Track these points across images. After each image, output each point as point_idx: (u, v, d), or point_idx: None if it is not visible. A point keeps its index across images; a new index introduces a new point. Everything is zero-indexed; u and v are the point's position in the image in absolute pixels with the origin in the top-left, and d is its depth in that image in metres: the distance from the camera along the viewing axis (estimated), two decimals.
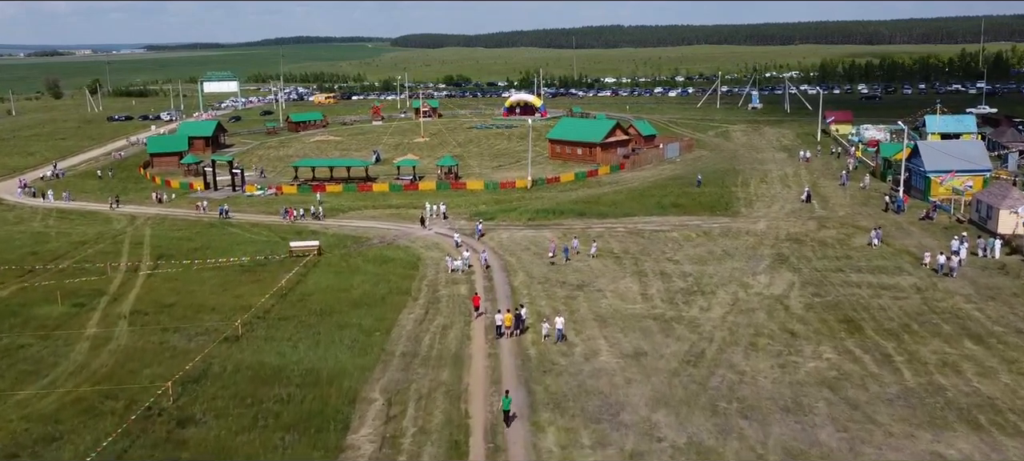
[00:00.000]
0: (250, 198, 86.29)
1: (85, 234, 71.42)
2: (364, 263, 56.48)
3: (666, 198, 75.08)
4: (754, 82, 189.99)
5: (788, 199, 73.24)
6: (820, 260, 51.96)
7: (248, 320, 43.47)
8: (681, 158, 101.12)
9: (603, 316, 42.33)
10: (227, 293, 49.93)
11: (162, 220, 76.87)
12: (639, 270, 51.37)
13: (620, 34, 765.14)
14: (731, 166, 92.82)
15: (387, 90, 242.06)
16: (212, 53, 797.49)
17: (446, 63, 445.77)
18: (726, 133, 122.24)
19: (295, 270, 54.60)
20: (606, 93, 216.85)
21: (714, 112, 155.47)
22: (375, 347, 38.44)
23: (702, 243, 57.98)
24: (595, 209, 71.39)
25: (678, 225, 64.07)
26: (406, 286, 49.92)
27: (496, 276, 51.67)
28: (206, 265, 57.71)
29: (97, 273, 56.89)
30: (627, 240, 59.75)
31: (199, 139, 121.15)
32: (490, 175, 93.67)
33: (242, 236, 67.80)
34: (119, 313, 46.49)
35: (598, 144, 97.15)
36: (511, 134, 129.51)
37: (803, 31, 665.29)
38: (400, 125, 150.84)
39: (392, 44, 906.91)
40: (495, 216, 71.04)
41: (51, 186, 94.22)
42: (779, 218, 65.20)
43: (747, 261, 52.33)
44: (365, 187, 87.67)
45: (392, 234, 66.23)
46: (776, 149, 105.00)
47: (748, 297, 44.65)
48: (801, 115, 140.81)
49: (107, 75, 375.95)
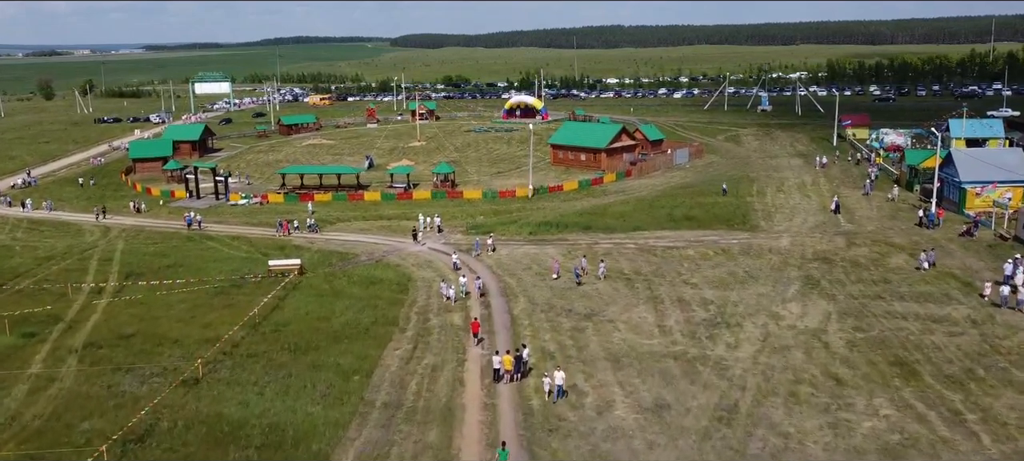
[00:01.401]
0: (234, 207, 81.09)
1: (53, 248, 66.23)
2: (349, 285, 51.21)
3: (678, 209, 69.80)
4: (763, 83, 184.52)
5: (810, 211, 67.94)
6: (855, 284, 46.67)
7: (212, 358, 38.21)
8: (691, 164, 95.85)
9: (616, 354, 37.07)
10: (194, 322, 44.69)
11: (137, 232, 71.66)
12: (654, 295, 46.10)
13: (620, 34, 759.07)
14: (745, 173, 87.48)
15: (384, 91, 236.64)
16: (211, 53, 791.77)
17: (446, 63, 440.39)
18: (736, 137, 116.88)
19: (273, 293, 49.36)
20: (609, 95, 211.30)
21: (722, 115, 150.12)
22: (353, 396, 33.16)
23: (721, 263, 52.69)
24: (601, 222, 66.11)
25: (693, 241, 58.79)
26: (393, 314, 44.67)
27: (494, 302, 46.41)
28: (176, 286, 52.48)
29: (57, 295, 51.68)
30: (638, 259, 54.47)
31: (185, 143, 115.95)
32: (489, 183, 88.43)
33: (220, 252, 62.56)
34: (71, 346, 41.27)
35: (603, 150, 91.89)
36: (511, 138, 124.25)
37: (804, 31, 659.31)
38: (396, 128, 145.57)
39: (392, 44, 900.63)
40: (493, 229, 65.75)
41: (29, 195, 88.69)
42: (803, 233, 59.91)
43: (774, 285, 47.05)
44: (356, 196, 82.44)
45: (382, 250, 60.99)
46: (791, 154, 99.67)
47: (780, 331, 39.37)
48: (813, 118, 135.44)
49: (102, 75, 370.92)
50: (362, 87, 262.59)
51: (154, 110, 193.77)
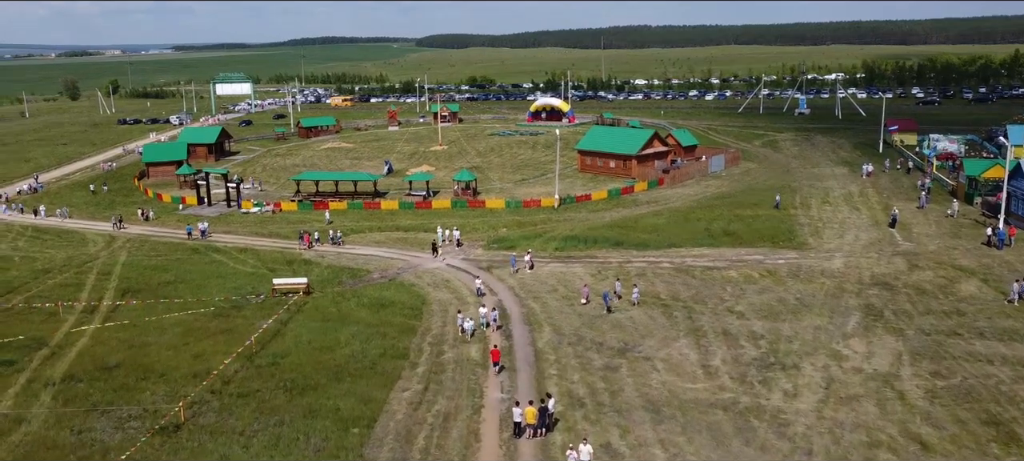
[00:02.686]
0: (245, 216, 77.28)
1: (53, 260, 62.79)
2: (357, 308, 46.84)
3: (716, 223, 64.59)
4: (800, 86, 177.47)
5: (861, 226, 62.37)
6: (924, 316, 41.30)
7: (198, 397, 33.96)
8: (727, 172, 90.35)
9: (656, 403, 32.19)
10: (186, 350, 40.56)
11: (143, 243, 68.07)
12: (695, 326, 41.12)
13: (648, 34, 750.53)
14: (786, 182, 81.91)
15: (408, 92, 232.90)
16: (238, 53, 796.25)
17: (470, 64, 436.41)
18: (774, 143, 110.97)
19: (275, 316, 45.15)
20: (637, 97, 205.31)
21: (757, 118, 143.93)
22: (351, 453, 28.65)
23: (768, 287, 47.49)
24: (633, 237, 61.11)
25: (735, 260, 53.62)
26: (404, 344, 40.16)
27: (516, 332, 41.71)
28: (173, 305, 48.53)
29: (46, 315, 47.99)
30: (675, 281, 49.45)
31: (201, 146, 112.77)
32: (512, 191, 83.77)
33: (224, 267, 58.56)
34: (49, 378, 37.31)
35: (633, 156, 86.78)
36: (536, 142, 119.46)
37: (835, 31, 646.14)
38: (417, 131, 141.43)
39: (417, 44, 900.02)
40: (516, 243, 61.10)
41: (41, 201, 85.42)
42: (857, 253, 54.45)
43: (831, 316, 41.82)
44: (372, 205, 78.24)
45: (396, 267, 56.57)
46: (834, 162, 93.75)
47: (845, 375, 34.21)
48: (855, 122, 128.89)
49: (129, 75, 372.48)
50: (385, 88, 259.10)
51: (178, 111, 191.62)
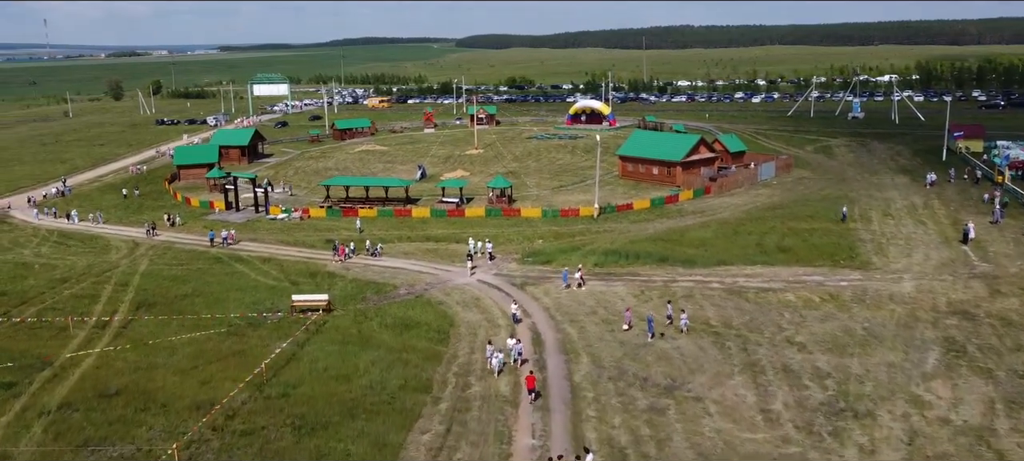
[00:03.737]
0: (273, 222, 74.66)
1: (73, 267, 60.73)
2: (380, 329, 43.43)
3: (768, 237, 59.84)
4: (853, 88, 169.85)
5: (929, 243, 57.06)
6: (1014, 353, 36.34)
7: (197, 435, 30.79)
8: (778, 180, 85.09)
9: (709, 457, 28.03)
10: (193, 376, 37.56)
11: (166, 250, 65.73)
12: (750, 360, 36.77)
13: (690, 34, 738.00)
14: (842, 192, 76.53)
15: (445, 93, 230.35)
16: (280, 54, 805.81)
17: (510, 64, 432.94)
18: (828, 149, 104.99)
19: (292, 337, 41.97)
20: (681, 99, 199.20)
21: (808, 122, 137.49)
22: None
23: (831, 314, 42.82)
24: (679, 252, 56.68)
25: (792, 282, 48.93)
26: (427, 375, 36.57)
27: (550, 362, 37.81)
28: (186, 322, 45.73)
29: (56, 331, 45.63)
30: (726, 304, 45.04)
31: (234, 149, 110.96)
32: (549, 199, 79.78)
33: (245, 279, 55.72)
34: (45, 407, 34.61)
35: (678, 163, 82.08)
36: (575, 146, 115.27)
37: (883, 31, 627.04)
38: (453, 134, 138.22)
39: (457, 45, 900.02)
40: (553, 257, 57.19)
41: (73, 205, 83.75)
42: (928, 274, 49.35)
43: (906, 351, 37.09)
44: (403, 212, 74.96)
45: (424, 282, 53.06)
46: (893, 170, 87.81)
47: (930, 428, 29.61)
48: (913, 127, 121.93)
49: (172, 75, 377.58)
50: (423, 88, 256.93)
51: (215, 112, 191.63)
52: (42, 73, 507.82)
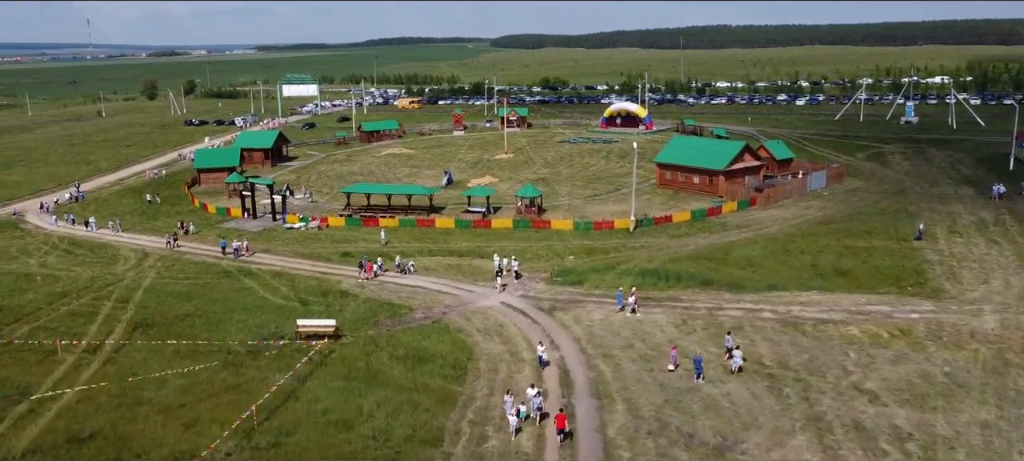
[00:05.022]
0: (290, 230, 70.86)
1: (76, 280, 57.38)
2: (390, 362, 38.97)
3: (824, 257, 54.24)
4: (906, 90, 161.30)
5: (1007, 266, 51.00)
6: None
7: None
8: (829, 190, 78.97)
9: None
10: (180, 416, 33.50)
11: (175, 261, 62.17)
12: (814, 413, 31.53)
13: (727, 34, 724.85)
14: (901, 206, 70.36)
15: (476, 94, 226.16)
16: (316, 54, 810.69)
17: (544, 64, 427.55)
18: (881, 156, 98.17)
19: (292, 372, 37.71)
20: (720, 101, 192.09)
21: (856, 126, 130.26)
22: None
23: (904, 353, 37.30)
24: (725, 274, 51.35)
25: (855, 312, 43.41)
26: (438, 422, 32.00)
27: (580, 409, 32.98)
28: (182, 349, 41.79)
29: (44, 355, 42.07)
30: (781, 338, 39.74)
31: (257, 152, 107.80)
32: (582, 209, 74.78)
33: (253, 296, 51.74)
34: (8, 452, 30.81)
35: (721, 172, 76.46)
36: (610, 151, 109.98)
37: (927, 31, 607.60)
38: (482, 137, 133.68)
39: (492, 44, 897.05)
40: (585, 276, 52.30)
41: (90, 212, 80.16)
42: (1011, 305, 43.47)
43: (1000, 405, 31.52)
44: (426, 222, 70.59)
45: (444, 303, 48.54)
46: (956, 181, 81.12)
47: None
48: (972, 133, 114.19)
49: (207, 75, 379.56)
50: (454, 89, 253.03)
51: (244, 113, 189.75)
52: (84, 72, 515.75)
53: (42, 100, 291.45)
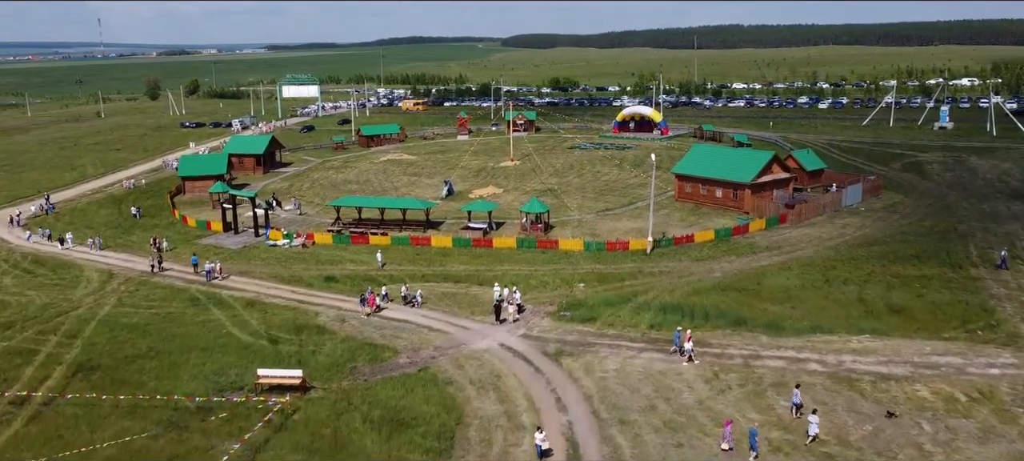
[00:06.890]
0: (273, 248, 64.35)
1: (27, 308, 50.97)
2: (363, 427, 32.33)
3: (871, 289, 47.26)
4: (939, 94, 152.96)
5: None
6: None
7: None
8: (865, 205, 71.74)
9: None
10: None
11: (141, 284, 55.69)
12: None
13: (740, 34, 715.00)
14: (950, 225, 63.20)
15: (484, 95, 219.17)
16: (326, 53, 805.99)
17: (555, 64, 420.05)
18: (918, 166, 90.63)
19: (242, 440, 31.15)
20: (738, 103, 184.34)
21: (886, 131, 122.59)
22: None
23: (989, 424, 30.34)
24: (759, 310, 44.43)
25: (920, 363, 36.41)
26: None
27: None
28: (121, 405, 35.29)
29: None
30: (835, 403, 32.82)
31: (248, 157, 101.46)
32: (593, 225, 67.95)
33: (217, 331, 45.20)
34: None
35: (747, 185, 69.37)
36: (623, 158, 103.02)
37: (943, 31, 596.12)
38: (487, 142, 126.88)
39: (502, 44, 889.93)
40: (596, 310, 45.52)
41: (69, 228, 72.39)
42: None
43: None
44: (421, 240, 63.95)
45: (433, 345, 41.83)
46: (1007, 195, 73.77)
47: None
48: (1015, 140, 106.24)
49: (213, 75, 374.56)
50: (461, 90, 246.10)
51: (243, 114, 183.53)
52: (94, 72, 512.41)
53: (46, 99, 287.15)
